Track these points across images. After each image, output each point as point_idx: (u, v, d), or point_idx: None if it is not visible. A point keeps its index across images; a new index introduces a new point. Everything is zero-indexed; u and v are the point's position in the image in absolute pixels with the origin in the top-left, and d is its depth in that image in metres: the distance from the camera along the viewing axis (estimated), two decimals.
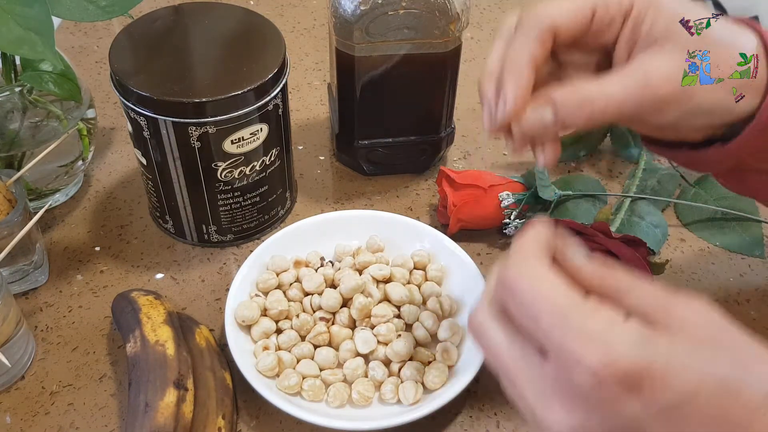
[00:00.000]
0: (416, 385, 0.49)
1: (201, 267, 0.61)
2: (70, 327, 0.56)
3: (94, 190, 0.68)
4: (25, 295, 0.58)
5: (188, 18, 0.60)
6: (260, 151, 0.57)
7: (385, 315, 0.52)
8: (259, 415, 0.51)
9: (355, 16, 0.57)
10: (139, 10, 0.60)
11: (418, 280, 0.57)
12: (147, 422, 0.45)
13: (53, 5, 0.51)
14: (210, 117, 0.52)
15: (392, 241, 0.59)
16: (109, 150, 0.72)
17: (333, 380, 0.50)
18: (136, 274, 0.61)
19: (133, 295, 0.54)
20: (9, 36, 0.49)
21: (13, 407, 0.51)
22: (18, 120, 0.60)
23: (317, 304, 0.54)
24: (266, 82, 0.54)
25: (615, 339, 0.29)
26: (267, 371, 0.50)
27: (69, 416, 0.51)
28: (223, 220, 0.60)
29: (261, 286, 0.55)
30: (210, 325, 0.56)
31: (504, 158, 0.73)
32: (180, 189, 0.58)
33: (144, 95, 0.52)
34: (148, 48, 0.57)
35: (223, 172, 0.56)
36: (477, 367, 0.50)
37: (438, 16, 0.57)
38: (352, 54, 0.59)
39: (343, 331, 0.53)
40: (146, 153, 0.56)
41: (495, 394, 0.53)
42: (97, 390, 0.52)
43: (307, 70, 0.83)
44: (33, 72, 0.58)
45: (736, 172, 0.45)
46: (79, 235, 0.63)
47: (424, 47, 0.59)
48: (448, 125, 0.68)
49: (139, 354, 0.49)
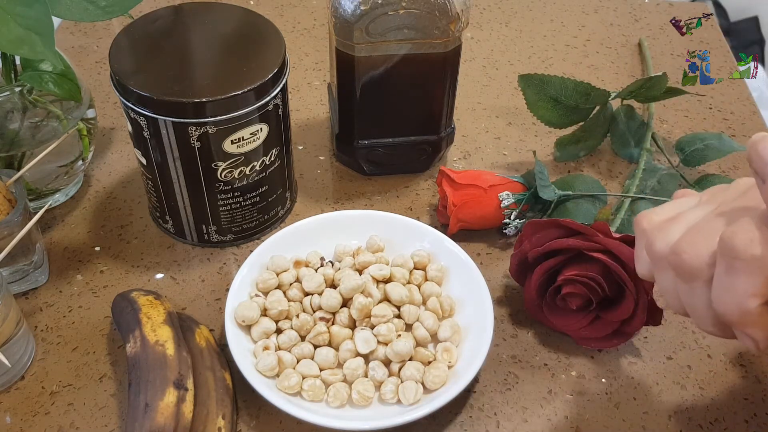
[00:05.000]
0: (416, 385, 0.49)
1: (201, 267, 0.61)
2: (70, 327, 0.56)
3: (94, 190, 0.68)
4: (25, 295, 0.58)
5: (188, 18, 0.60)
6: (260, 151, 0.57)
7: (385, 315, 0.53)
8: (259, 415, 0.51)
9: (355, 16, 0.57)
10: (139, 10, 0.60)
11: (418, 280, 0.57)
12: (147, 422, 0.45)
13: (53, 5, 0.51)
14: (210, 117, 0.52)
15: (392, 241, 0.59)
16: (109, 150, 0.72)
17: (333, 380, 0.50)
18: (136, 274, 0.61)
19: (133, 295, 0.54)
20: (9, 36, 0.49)
21: (13, 407, 0.51)
22: (18, 120, 0.60)
23: (317, 304, 0.54)
24: (266, 82, 0.54)
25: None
26: (267, 371, 0.50)
27: (69, 416, 0.51)
28: (223, 220, 0.60)
29: (261, 286, 0.55)
30: (210, 325, 0.56)
31: (504, 158, 0.73)
32: (180, 189, 0.58)
33: (144, 95, 0.52)
34: (148, 48, 0.57)
35: (223, 172, 0.56)
36: (477, 367, 0.50)
37: (438, 16, 0.57)
38: (352, 54, 0.59)
39: (343, 331, 0.53)
40: (146, 153, 0.57)
41: (495, 394, 0.53)
42: (97, 390, 0.52)
43: (307, 70, 0.83)
44: (33, 72, 0.58)
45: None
46: (79, 235, 0.63)
47: (424, 47, 0.59)
48: (448, 125, 0.68)
49: (139, 354, 0.49)
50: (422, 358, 0.52)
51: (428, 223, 0.63)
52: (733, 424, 0.51)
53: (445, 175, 0.62)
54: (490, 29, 0.91)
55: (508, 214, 0.61)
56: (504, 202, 0.61)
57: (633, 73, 0.84)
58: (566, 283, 0.52)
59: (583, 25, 0.92)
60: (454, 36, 0.59)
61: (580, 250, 0.52)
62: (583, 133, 0.71)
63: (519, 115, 0.77)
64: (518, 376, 0.54)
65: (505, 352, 0.55)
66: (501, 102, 0.79)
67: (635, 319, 0.52)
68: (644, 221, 0.38)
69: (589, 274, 0.51)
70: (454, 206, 0.61)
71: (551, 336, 0.56)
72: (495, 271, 0.61)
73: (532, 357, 0.55)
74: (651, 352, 0.56)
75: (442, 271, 0.57)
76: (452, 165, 0.71)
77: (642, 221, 0.38)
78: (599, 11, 0.95)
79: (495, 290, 0.60)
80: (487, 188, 0.61)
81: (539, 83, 0.68)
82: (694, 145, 0.69)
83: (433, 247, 0.59)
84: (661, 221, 0.37)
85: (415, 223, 0.60)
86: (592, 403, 0.52)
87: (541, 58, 0.86)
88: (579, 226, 0.53)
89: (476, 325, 0.53)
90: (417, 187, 0.69)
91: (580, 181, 0.65)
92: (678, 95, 0.69)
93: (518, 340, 0.56)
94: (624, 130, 0.72)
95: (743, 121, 0.78)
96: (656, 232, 0.37)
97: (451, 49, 0.60)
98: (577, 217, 0.61)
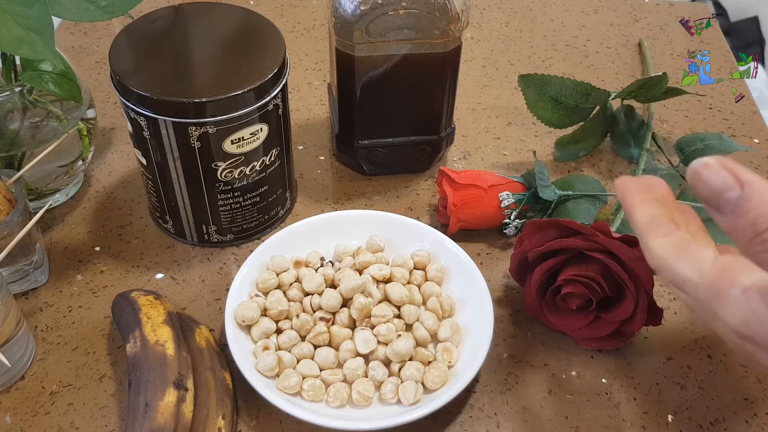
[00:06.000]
0: (416, 385, 0.49)
1: (201, 267, 0.61)
2: (70, 327, 0.56)
3: (94, 190, 0.68)
4: (25, 295, 0.58)
5: (188, 18, 0.60)
6: (260, 151, 0.57)
7: (385, 315, 0.52)
8: (259, 415, 0.51)
9: (355, 16, 0.57)
10: (139, 10, 0.60)
11: (418, 280, 0.57)
12: (147, 422, 0.45)
13: (53, 5, 0.51)
14: (210, 117, 0.52)
15: (392, 241, 0.59)
16: (109, 150, 0.72)
17: (333, 380, 0.50)
18: (136, 274, 0.61)
19: (133, 295, 0.54)
20: (9, 36, 0.49)
21: (13, 407, 0.51)
22: (18, 120, 0.60)
23: (317, 304, 0.54)
24: (266, 82, 0.54)
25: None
26: (267, 371, 0.50)
27: (69, 416, 0.51)
28: (223, 220, 0.60)
29: (261, 286, 0.55)
30: (210, 325, 0.56)
31: (504, 158, 0.73)
32: (180, 189, 0.58)
33: (144, 95, 0.52)
34: (148, 48, 0.57)
35: (223, 172, 0.56)
36: (477, 367, 0.50)
37: (438, 16, 0.57)
38: (352, 54, 0.59)
39: (343, 331, 0.53)
40: (146, 153, 0.57)
41: (495, 394, 0.53)
42: (97, 390, 0.52)
43: (307, 70, 0.83)
44: (33, 72, 0.58)
45: None
46: (79, 235, 0.63)
47: (424, 47, 0.59)
48: (448, 125, 0.68)
49: (139, 354, 0.49)
50: (422, 358, 0.52)
51: (428, 223, 0.63)
52: (733, 424, 0.51)
53: (445, 175, 0.62)
54: (490, 29, 0.91)
55: (508, 214, 0.61)
56: (504, 202, 0.61)
57: (633, 73, 0.84)
58: (566, 283, 0.52)
59: (583, 25, 0.92)
60: (454, 36, 0.59)
61: (580, 250, 0.52)
62: (583, 133, 0.71)
63: (519, 115, 0.77)
64: (518, 376, 0.54)
65: (505, 352, 0.55)
66: (501, 102, 0.79)
67: (635, 319, 0.52)
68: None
69: (589, 274, 0.51)
70: (454, 206, 0.61)
71: (551, 336, 0.56)
72: (495, 271, 0.61)
73: (532, 357, 0.55)
74: (651, 352, 0.56)
75: (442, 271, 0.57)
76: (452, 165, 0.71)
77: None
78: (599, 11, 0.95)
79: (495, 290, 0.60)
80: (487, 188, 0.61)
81: (539, 83, 0.68)
82: (694, 145, 0.69)
83: (433, 247, 0.59)
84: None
85: (415, 223, 0.60)
86: (592, 403, 0.52)
87: (541, 58, 0.86)
88: (579, 226, 0.53)
89: (476, 325, 0.53)
90: (417, 187, 0.69)
91: (580, 181, 0.65)
92: (678, 95, 0.69)
93: (518, 340, 0.56)
94: (624, 130, 0.72)
95: (743, 121, 0.78)
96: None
97: (451, 49, 0.60)
98: (577, 217, 0.61)
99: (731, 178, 0.29)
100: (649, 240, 0.33)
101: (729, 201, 0.29)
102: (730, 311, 0.29)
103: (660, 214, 0.33)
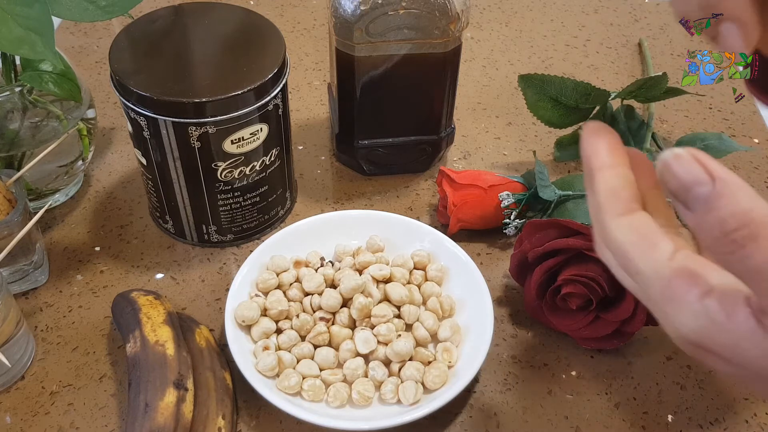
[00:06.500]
0: (416, 385, 0.49)
1: (201, 267, 0.61)
2: (70, 327, 0.56)
3: (94, 190, 0.68)
4: (25, 295, 0.58)
5: (188, 18, 0.60)
6: (260, 151, 0.57)
7: (385, 315, 0.52)
8: (259, 415, 0.51)
9: (355, 16, 0.57)
10: (139, 10, 0.60)
11: (418, 280, 0.57)
12: (147, 422, 0.45)
13: (53, 5, 0.51)
14: (210, 117, 0.52)
15: (392, 241, 0.59)
16: (109, 150, 0.72)
17: (333, 380, 0.50)
18: (136, 274, 0.61)
19: (133, 295, 0.54)
20: (9, 36, 0.49)
21: (13, 407, 0.51)
22: (18, 120, 0.60)
23: (317, 304, 0.54)
24: (266, 82, 0.54)
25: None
26: (267, 371, 0.50)
27: (69, 416, 0.51)
28: (223, 220, 0.60)
29: (261, 286, 0.55)
30: (210, 325, 0.56)
31: (504, 158, 0.73)
32: (180, 189, 0.58)
33: (144, 95, 0.52)
34: (148, 48, 0.57)
35: (223, 172, 0.56)
36: (477, 367, 0.50)
37: (438, 16, 0.57)
38: (352, 54, 0.59)
39: (343, 331, 0.53)
40: (146, 153, 0.57)
41: (495, 394, 0.53)
42: (97, 390, 0.52)
43: (307, 70, 0.83)
44: (33, 72, 0.58)
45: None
46: (79, 235, 0.63)
47: (424, 47, 0.59)
48: (448, 125, 0.68)
49: (139, 354, 0.49)
50: (422, 358, 0.52)
51: (428, 223, 0.63)
52: (733, 424, 0.51)
53: (445, 175, 0.62)
54: (490, 29, 0.91)
55: (508, 214, 0.61)
56: (504, 202, 0.61)
57: (633, 73, 0.84)
58: (566, 283, 0.52)
59: (583, 25, 0.92)
60: (454, 36, 0.59)
61: (580, 250, 0.52)
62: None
63: (519, 115, 0.77)
64: (518, 376, 0.54)
65: (505, 352, 0.55)
66: (501, 102, 0.79)
67: (635, 319, 0.52)
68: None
69: (589, 274, 0.51)
70: (454, 206, 0.61)
71: (551, 336, 0.56)
72: (495, 271, 0.61)
73: (532, 357, 0.55)
74: (651, 352, 0.56)
75: (442, 271, 0.57)
76: (452, 165, 0.71)
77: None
78: (599, 11, 0.95)
79: (495, 290, 0.60)
80: (487, 188, 0.61)
81: (539, 83, 0.68)
82: (694, 145, 0.69)
83: (433, 247, 0.59)
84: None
85: (415, 223, 0.60)
86: (592, 403, 0.52)
87: (541, 58, 0.86)
88: (579, 226, 0.53)
89: (476, 325, 0.53)
90: (417, 187, 0.69)
91: (580, 181, 0.65)
92: (678, 95, 0.69)
93: (518, 340, 0.56)
94: (624, 130, 0.72)
95: (743, 121, 0.78)
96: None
97: (451, 49, 0.60)
98: (577, 217, 0.61)
99: (703, 172, 0.27)
100: (606, 218, 0.29)
101: (698, 197, 0.26)
102: (683, 318, 0.28)
103: (626, 186, 0.30)
